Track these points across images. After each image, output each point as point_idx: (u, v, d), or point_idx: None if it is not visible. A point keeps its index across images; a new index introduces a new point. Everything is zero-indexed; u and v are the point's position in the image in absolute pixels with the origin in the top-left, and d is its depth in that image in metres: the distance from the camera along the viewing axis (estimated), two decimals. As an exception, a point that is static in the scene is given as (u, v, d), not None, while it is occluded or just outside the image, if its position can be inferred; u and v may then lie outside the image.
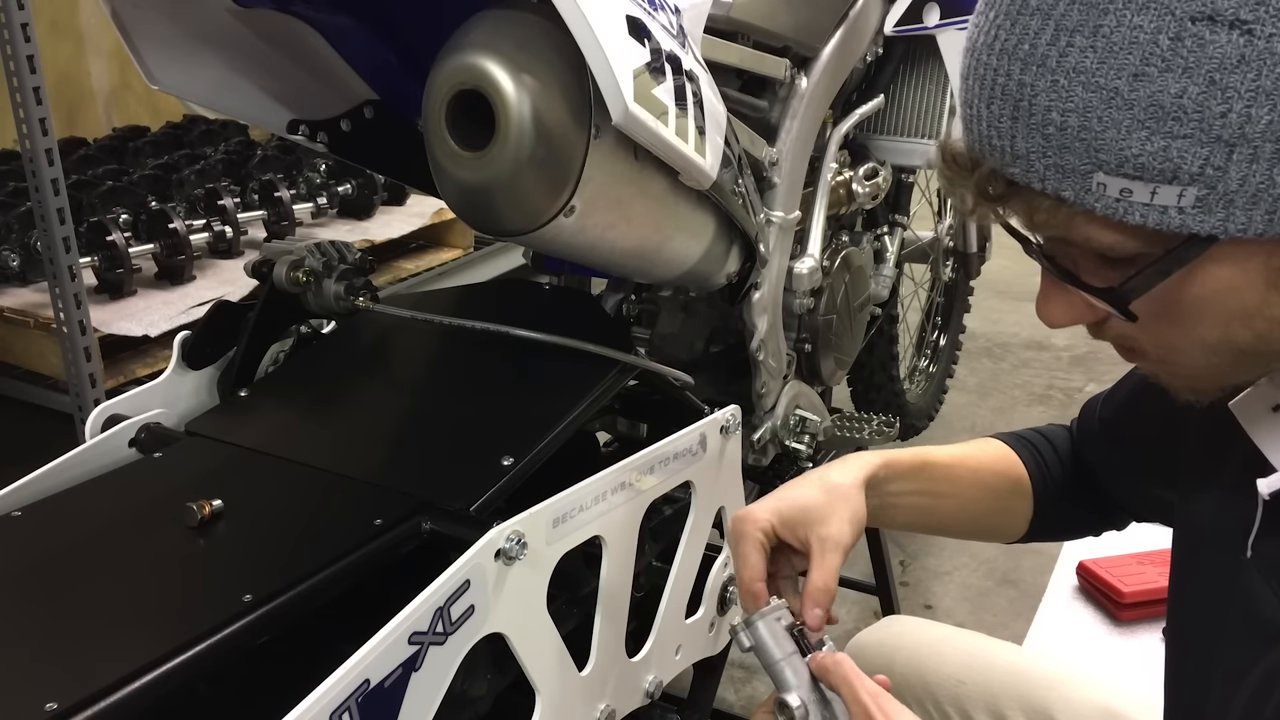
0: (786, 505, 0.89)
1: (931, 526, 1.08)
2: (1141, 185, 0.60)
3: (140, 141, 3.13)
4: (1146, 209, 0.61)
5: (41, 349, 2.25)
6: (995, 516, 1.05)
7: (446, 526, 0.93)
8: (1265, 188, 0.59)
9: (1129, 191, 0.61)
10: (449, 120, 0.97)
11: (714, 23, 1.30)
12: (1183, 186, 0.60)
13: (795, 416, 1.61)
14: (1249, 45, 0.57)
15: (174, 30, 1.13)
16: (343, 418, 1.17)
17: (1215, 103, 0.57)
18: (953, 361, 2.69)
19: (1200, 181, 0.59)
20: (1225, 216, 0.60)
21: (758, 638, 0.83)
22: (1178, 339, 0.68)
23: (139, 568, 0.91)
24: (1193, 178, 0.59)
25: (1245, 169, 0.59)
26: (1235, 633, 0.76)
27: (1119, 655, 1.89)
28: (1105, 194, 0.61)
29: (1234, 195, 0.59)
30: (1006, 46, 0.62)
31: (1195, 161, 0.59)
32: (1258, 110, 0.57)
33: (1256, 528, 0.73)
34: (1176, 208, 0.60)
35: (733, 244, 1.36)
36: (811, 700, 0.81)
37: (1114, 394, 1.04)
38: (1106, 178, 0.61)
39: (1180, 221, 0.61)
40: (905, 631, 1.20)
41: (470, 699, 0.95)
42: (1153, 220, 0.61)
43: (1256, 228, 0.60)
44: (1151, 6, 0.58)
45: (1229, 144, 0.58)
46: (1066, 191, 0.62)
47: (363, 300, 1.22)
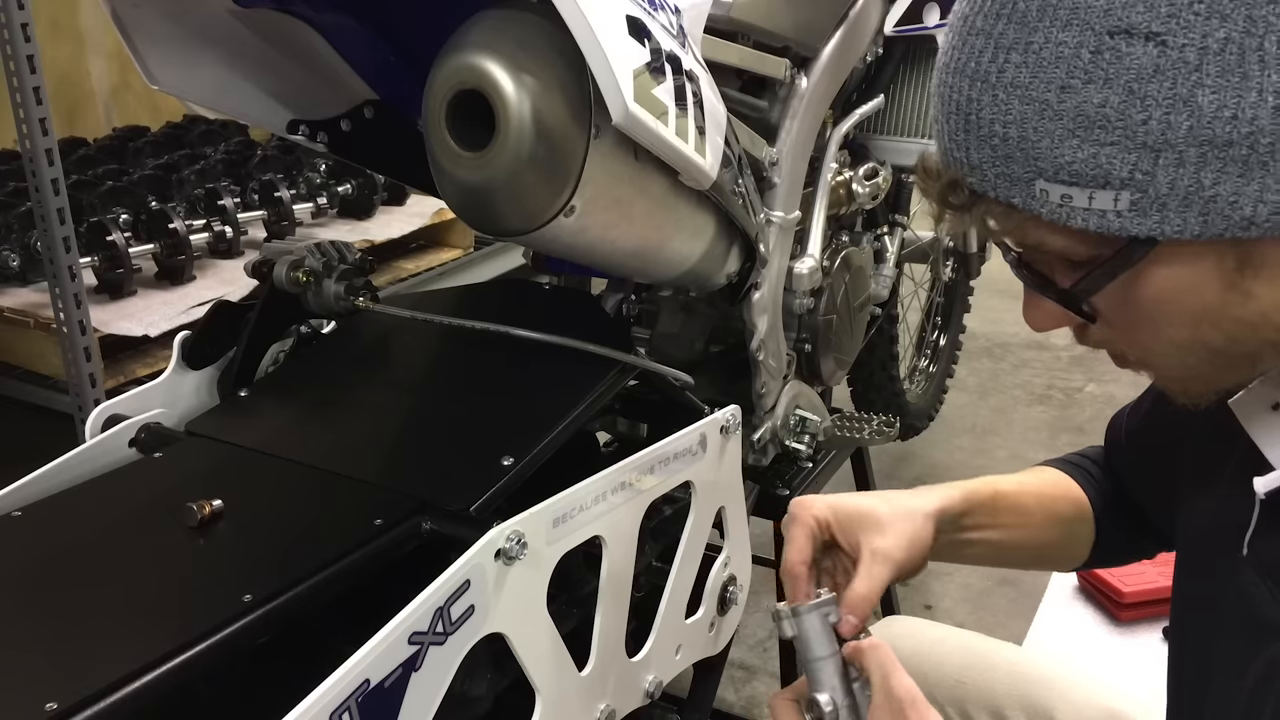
0: (845, 505, 0.90)
1: (998, 560, 1.08)
2: (1079, 191, 0.63)
3: (140, 141, 3.13)
4: (1087, 213, 0.64)
5: (41, 349, 2.25)
6: (1060, 545, 1.05)
7: (446, 526, 0.93)
8: (1194, 190, 0.61)
9: (1069, 197, 0.64)
10: (449, 120, 0.97)
11: (714, 23, 1.30)
12: (1116, 191, 0.62)
13: (795, 416, 1.61)
14: (1163, 56, 0.59)
15: (174, 30, 1.13)
16: (343, 418, 1.17)
17: (1136, 111, 0.60)
18: (953, 361, 2.69)
19: (1131, 186, 0.62)
20: (1160, 219, 0.62)
21: (802, 629, 0.81)
22: (1149, 341, 0.70)
23: (139, 568, 0.91)
24: (1124, 182, 0.62)
25: (1172, 173, 0.61)
26: (1232, 631, 0.76)
27: (1119, 655, 1.89)
28: (1048, 200, 0.64)
29: (1165, 199, 0.62)
30: (957, 65, 0.66)
31: (1124, 167, 0.61)
32: (1176, 117, 0.60)
33: (1253, 526, 0.74)
34: (1114, 211, 0.63)
35: (733, 244, 1.36)
36: (844, 704, 0.80)
37: (1138, 404, 1.04)
38: (1047, 184, 0.64)
39: (1119, 225, 0.63)
40: (905, 632, 1.20)
41: (470, 699, 0.95)
42: (1093, 224, 0.64)
43: (1192, 229, 0.62)
44: (1074, 23, 0.61)
45: (1153, 150, 0.61)
46: (1015, 198, 0.66)
47: (363, 300, 1.22)
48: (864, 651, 0.80)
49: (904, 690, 0.76)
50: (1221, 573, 0.77)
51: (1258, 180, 0.60)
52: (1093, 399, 2.98)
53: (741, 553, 1.20)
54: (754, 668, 2.01)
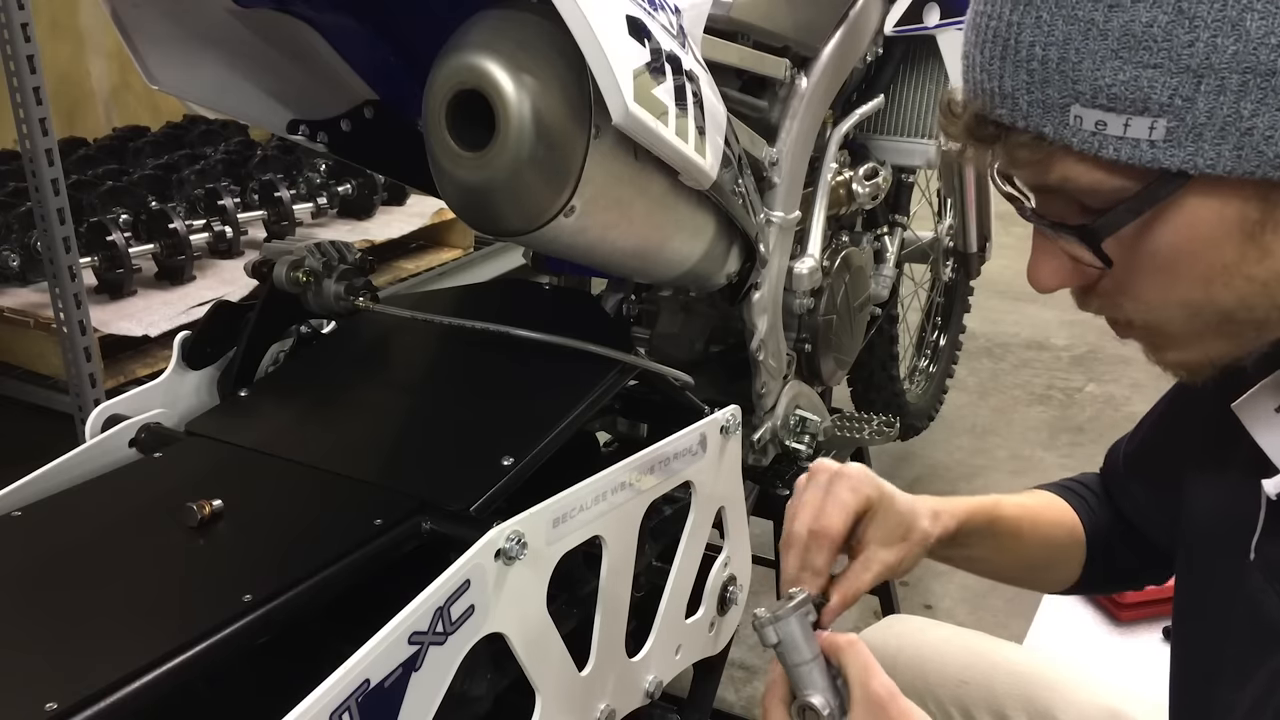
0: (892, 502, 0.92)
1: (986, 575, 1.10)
2: (1115, 117, 0.62)
3: (140, 141, 3.13)
4: (1120, 142, 0.63)
5: (41, 349, 2.25)
6: (1049, 569, 1.06)
7: (446, 526, 0.93)
8: (1232, 120, 0.60)
9: (1103, 124, 0.63)
10: (449, 120, 0.97)
11: (714, 23, 1.30)
12: (1153, 118, 0.61)
13: (795, 416, 1.61)
14: None
15: (174, 30, 1.13)
16: (343, 418, 1.17)
17: (1183, 31, 0.59)
18: (953, 361, 2.69)
19: (1169, 112, 0.61)
20: (1195, 150, 0.61)
21: (786, 635, 0.80)
22: (1157, 298, 0.69)
23: (139, 568, 0.91)
24: (1162, 108, 0.61)
25: (1212, 100, 0.60)
26: (1239, 637, 0.75)
27: (1119, 655, 1.89)
28: (1081, 128, 0.63)
29: (1202, 128, 0.61)
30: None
31: (1164, 91, 0.60)
32: (1223, 40, 0.59)
33: (1260, 530, 0.73)
34: (1148, 140, 0.62)
35: (733, 244, 1.36)
36: (836, 704, 0.79)
37: (1136, 432, 1.03)
38: (1082, 110, 0.63)
39: (1152, 155, 0.62)
40: (907, 631, 1.20)
41: (470, 699, 0.95)
42: (1125, 154, 0.63)
43: (1226, 164, 0.61)
44: None
45: (1196, 74, 0.60)
46: (1046, 127, 0.65)
47: (363, 300, 1.22)
48: (841, 649, 0.79)
49: (882, 689, 0.76)
50: (1228, 576, 0.76)
51: None
52: (1093, 399, 2.98)
53: (741, 553, 1.20)
54: (754, 668, 2.01)
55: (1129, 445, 1.04)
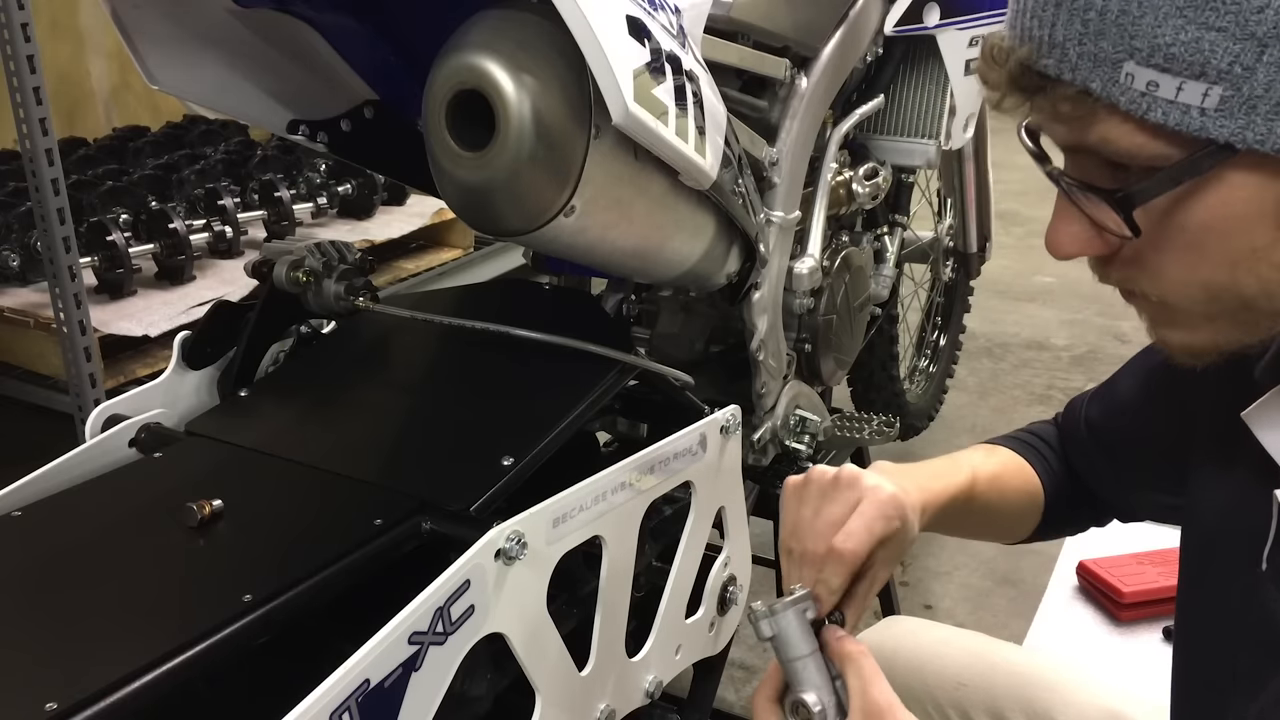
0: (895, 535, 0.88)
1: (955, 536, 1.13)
2: (1169, 79, 0.60)
3: (140, 141, 3.13)
4: (1170, 106, 0.60)
5: (41, 349, 2.25)
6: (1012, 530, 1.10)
7: (446, 526, 0.93)
8: None
9: (1155, 85, 0.60)
10: (449, 120, 0.97)
11: (714, 23, 1.30)
12: (1209, 84, 0.59)
13: (795, 416, 1.61)
14: None
15: (174, 30, 1.13)
16: (343, 418, 1.17)
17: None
18: (953, 361, 2.69)
19: (1226, 80, 0.59)
20: (1246, 123, 0.59)
21: (781, 629, 0.79)
22: (1179, 276, 0.67)
23: (139, 568, 0.91)
24: (1220, 75, 0.59)
25: (1273, 73, 0.58)
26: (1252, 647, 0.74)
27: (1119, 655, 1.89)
28: (1132, 86, 0.61)
29: (1258, 100, 0.59)
30: None
31: (1225, 57, 0.58)
32: None
33: (1271, 539, 0.71)
34: (1199, 108, 0.60)
35: (733, 244, 1.36)
36: (830, 704, 0.78)
37: (1105, 394, 1.03)
38: (1136, 68, 0.60)
39: (1200, 124, 0.60)
40: (905, 632, 1.20)
41: (470, 699, 0.95)
42: (1173, 119, 0.61)
43: (1276, 141, 0.59)
44: None
45: (1261, 42, 0.57)
46: (1095, 82, 0.62)
47: (363, 300, 1.22)
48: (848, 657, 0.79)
49: (882, 696, 0.75)
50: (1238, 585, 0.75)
51: None
52: (1093, 399, 2.98)
53: (741, 553, 1.20)
54: (754, 668, 2.01)
55: (1094, 412, 1.04)
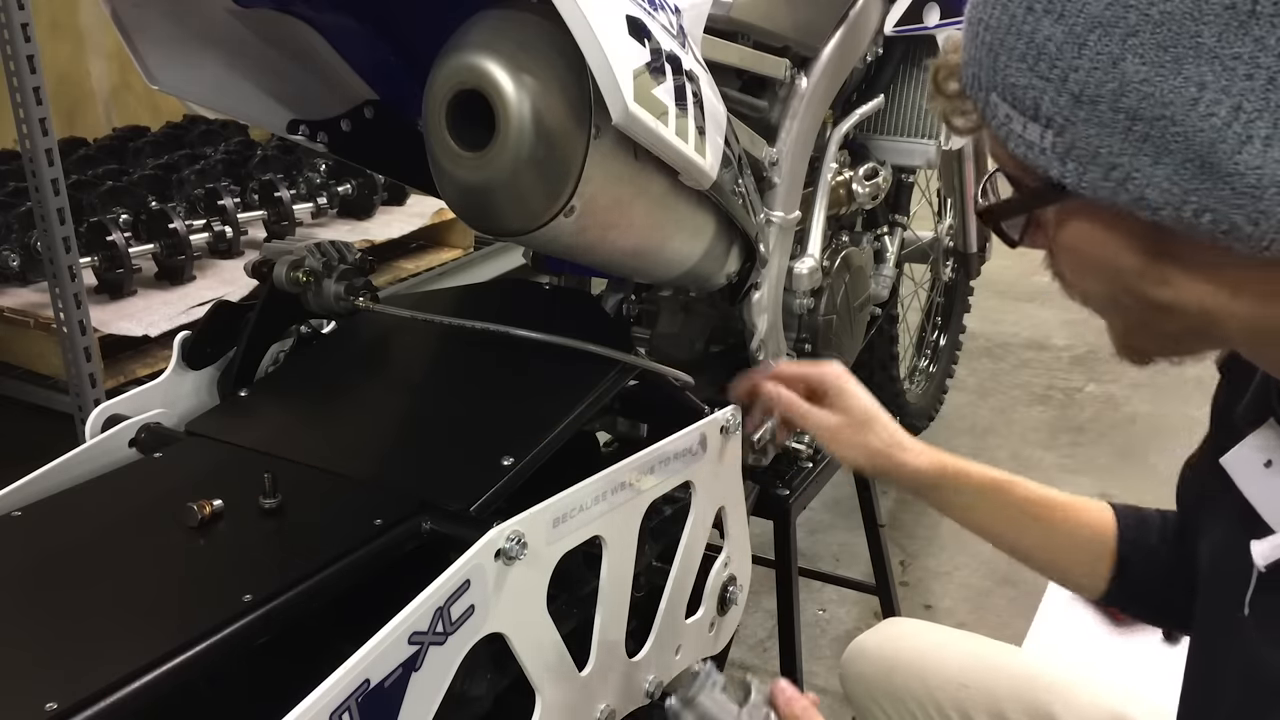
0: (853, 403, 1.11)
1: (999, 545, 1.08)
2: (1017, 115, 0.63)
3: (140, 141, 3.13)
4: (1020, 139, 0.64)
5: (41, 349, 2.25)
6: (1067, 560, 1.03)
7: (446, 526, 0.93)
8: (1104, 153, 0.60)
9: (1010, 118, 0.64)
10: (449, 120, 0.97)
11: (714, 23, 1.30)
12: (1043, 128, 0.62)
13: (795, 416, 1.61)
14: (1110, 9, 0.58)
15: (174, 30, 1.13)
16: (343, 418, 1.17)
17: (1071, 54, 0.60)
18: (953, 361, 2.70)
19: (1054, 127, 0.62)
20: (1076, 170, 0.62)
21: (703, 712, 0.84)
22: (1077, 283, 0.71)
23: (139, 568, 0.91)
24: (1049, 121, 0.62)
25: (1089, 129, 0.60)
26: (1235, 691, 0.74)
27: (1119, 656, 1.89)
28: (997, 114, 0.65)
29: (1079, 151, 0.61)
30: None
31: (1051, 107, 0.61)
32: (1103, 75, 0.59)
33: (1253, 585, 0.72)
34: (1040, 146, 0.63)
35: (733, 244, 1.36)
36: None
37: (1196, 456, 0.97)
38: (998, 100, 0.64)
39: (1044, 162, 0.63)
40: (906, 634, 1.20)
41: (470, 699, 0.95)
42: (1021, 152, 0.64)
43: (1100, 191, 0.61)
44: None
45: (1077, 99, 0.60)
46: (979, 101, 0.67)
47: (363, 300, 1.22)
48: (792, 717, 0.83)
49: None
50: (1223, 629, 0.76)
51: (1162, 164, 0.59)
52: (1093, 399, 2.98)
53: (741, 553, 1.20)
54: (754, 668, 2.01)
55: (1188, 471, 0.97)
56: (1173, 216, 0.60)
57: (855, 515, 1.97)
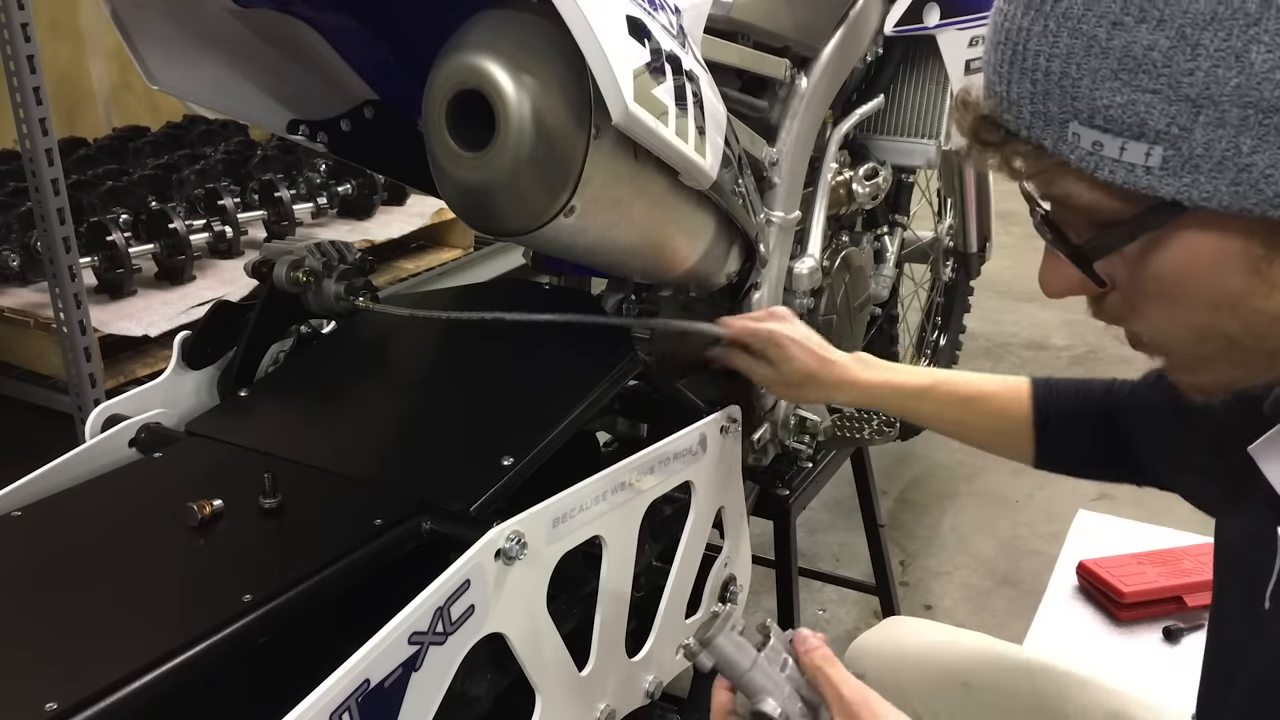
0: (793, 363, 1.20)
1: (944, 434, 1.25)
2: (1111, 139, 0.60)
3: (140, 141, 3.13)
4: (1116, 165, 0.61)
5: (41, 349, 2.25)
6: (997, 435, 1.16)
7: (446, 526, 0.93)
8: (1230, 155, 0.58)
9: (1100, 145, 0.61)
10: (449, 120, 0.97)
11: (714, 23, 1.30)
12: (1149, 145, 0.59)
13: (795, 416, 1.61)
14: (1222, 3, 0.56)
15: (174, 30, 1.13)
16: (343, 418, 1.17)
17: (1184, 58, 0.57)
18: (953, 361, 2.69)
19: (1165, 141, 0.59)
20: (1191, 181, 0.59)
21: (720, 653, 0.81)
22: (1162, 320, 0.68)
23: (139, 568, 0.91)
24: (1159, 136, 0.59)
25: (1210, 133, 0.58)
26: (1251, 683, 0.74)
27: (1119, 655, 1.89)
28: (1079, 145, 0.62)
29: (1199, 160, 0.59)
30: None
31: (1162, 119, 0.59)
32: (1225, 71, 0.57)
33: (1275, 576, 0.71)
34: (1144, 166, 0.60)
35: (733, 244, 1.36)
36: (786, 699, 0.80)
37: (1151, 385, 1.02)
38: (1080, 128, 0.61)
39: (1148, 182, 0.61)
40: (908, 633, 1.20)
41: (470, 699, 0.95)
42: (1120, 177, 0.61)
43: (1222, 198, 0.59)
44: None
45: (1195, 104, 0.58)
46: (1047, 140, 0.63)
47: (363, 300, 1.22)
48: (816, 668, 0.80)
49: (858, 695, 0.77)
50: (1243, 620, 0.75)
51: None
52: (1093, 399, 2.98)
53: (741, 553, 1.20)
54: (754, 668, 2.01)
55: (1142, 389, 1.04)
56: None
57: (855, 515, 1.97)
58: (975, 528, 2.48)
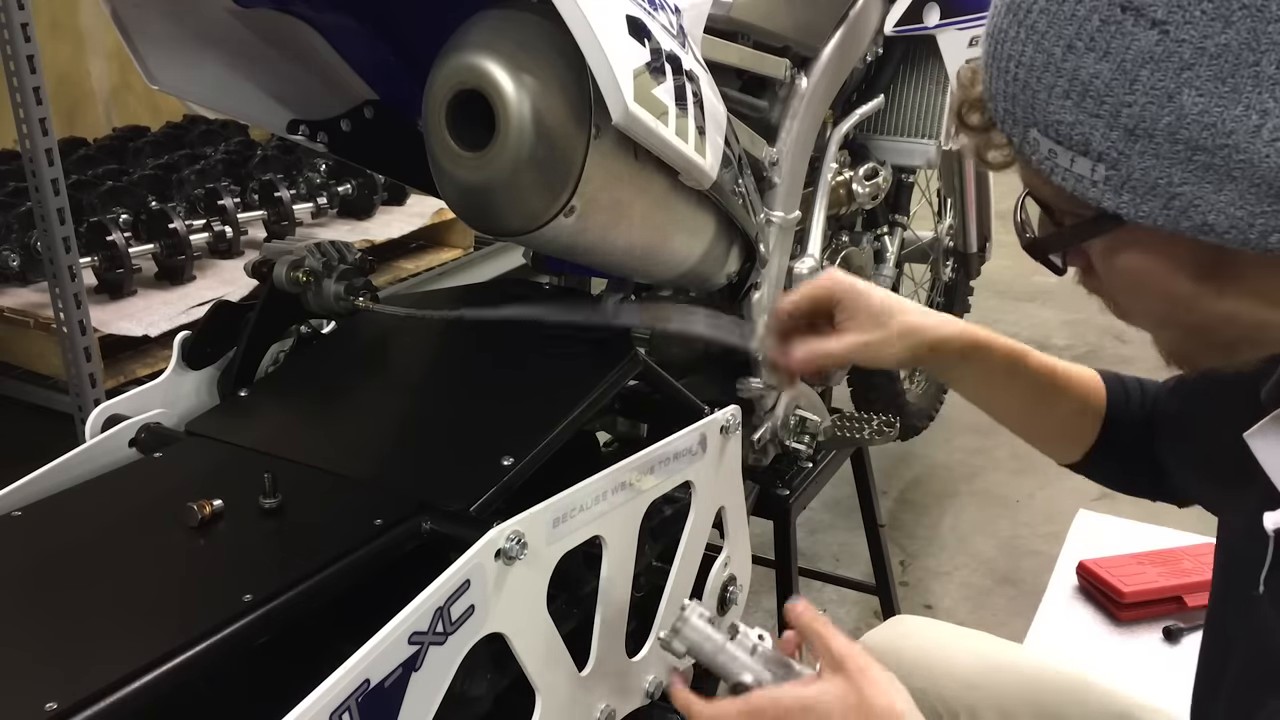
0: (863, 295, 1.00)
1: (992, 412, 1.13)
2: (1063, 150, 0.64)
3: (140, 141, 3.13)
4: (1067, 173, 0.65)
5: (41, 349, 2.25)
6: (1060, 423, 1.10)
7: (446, 526, 0.93)
8: (1163, 183, 0.61)
9: (1054, 153, 0.65)
10: (449, 120, 0.97)
11: (714, 23, 1.30)
12: (1094, 162, 0.63)
13: (795, 416, 1.61)
14: (1161, 44, 0.59)
15: (174, 30, 1.13)
16: (343, 418, 1.17)
17: (1123, 91, 0.60)
18: (953, 361, 2.69)
19: (1106, 161, 0.62)
20: (1129, 200, 0.63)
21: (690, 638, 0.86)
22: (1129, 305, 0.72)
23: (139, 568, 0.91)
24: (1101, 156, 0.62)
25: (1145, 160, 0.61)
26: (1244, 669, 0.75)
27: (1119, 655, 1.89)
28: (1038, 149, 0.66)
29: (1136, 183, 0.62)
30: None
31: (1103, 142, 0.62)
32: (1158, 109, 0.60)
33: (1269, 563, 0.72)
34: (1090, 180, 0.64)
35: (733, 244, 1.36)
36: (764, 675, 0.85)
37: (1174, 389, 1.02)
38: (1038, 135, 0.65)
39: (1095, 194, 0.64)
40: (911, 633, 1.20)
41: (470, 699, 0.95)
42: (1070, 185, 0.65)
43: (1158, 219, 0.62)
44: None
45: (1131, 133, 0.61)
46: (1015, 137, 0.67)
47: (363, 300, 1.22)
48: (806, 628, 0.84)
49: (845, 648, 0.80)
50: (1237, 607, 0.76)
51: (1226, 191, 0.60)
52: (1093, 399, 2.98)
53: (741, 553, 1.20)
54: (754, 668, 2.01)
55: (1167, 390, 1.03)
56: (1239, 240, 0.61)
57: (855, 515, 1.98)
58: (975, 528, 2.48)
